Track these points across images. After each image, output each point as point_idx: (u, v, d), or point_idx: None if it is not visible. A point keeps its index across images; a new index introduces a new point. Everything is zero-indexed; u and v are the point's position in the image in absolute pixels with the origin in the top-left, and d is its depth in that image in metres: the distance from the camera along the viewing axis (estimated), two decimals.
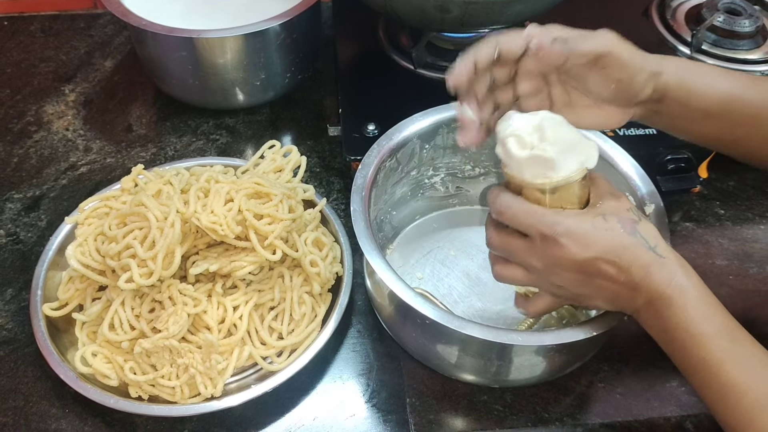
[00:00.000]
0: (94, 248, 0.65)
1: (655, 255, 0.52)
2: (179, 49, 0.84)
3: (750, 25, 0.93)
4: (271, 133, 0.91)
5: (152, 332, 0.63)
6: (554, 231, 0.52)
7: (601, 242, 0.51)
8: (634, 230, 0.52)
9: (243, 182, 0.67)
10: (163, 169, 0.73)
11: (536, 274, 0.55)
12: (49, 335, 0.66)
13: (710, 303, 0.51)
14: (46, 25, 1.08)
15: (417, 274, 0.75)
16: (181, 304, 0.63)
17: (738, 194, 0.84)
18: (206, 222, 0.62)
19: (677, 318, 0.50)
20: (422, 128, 0.71)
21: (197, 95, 0.90)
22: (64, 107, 0.95)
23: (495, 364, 0.62)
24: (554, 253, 0.52)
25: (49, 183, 0.85)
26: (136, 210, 0.64)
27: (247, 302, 0.66)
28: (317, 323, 0.68)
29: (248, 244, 0.64)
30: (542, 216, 0.52)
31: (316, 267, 0.68)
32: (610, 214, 0.53)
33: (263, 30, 0.83)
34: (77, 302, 0.68)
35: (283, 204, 0.66)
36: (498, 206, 0.55)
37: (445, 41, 0.92)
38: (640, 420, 0.64)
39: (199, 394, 0.63)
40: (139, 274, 0.61)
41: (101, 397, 0.62)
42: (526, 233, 0.54)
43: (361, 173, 0.67)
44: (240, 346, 0.65)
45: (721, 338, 0.50)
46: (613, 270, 0.51)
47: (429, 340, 0.63)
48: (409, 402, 0.65)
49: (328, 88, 0.97)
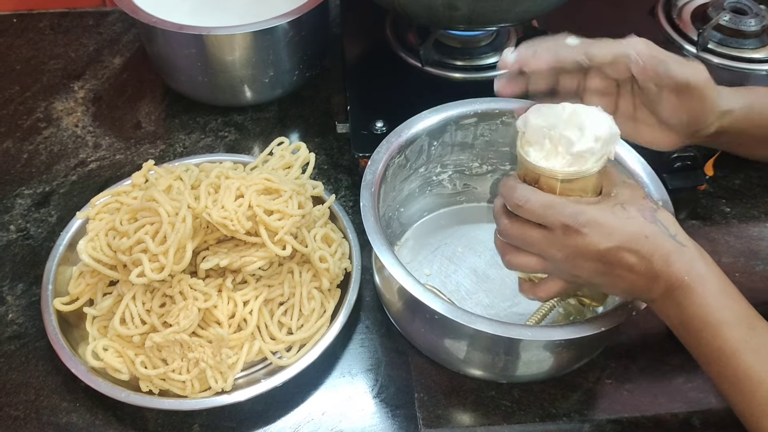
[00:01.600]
0: (105, 243, 0.66)
1: (676, 243, 0.51)
2: (188, 47, 0.84)
3: (756, 24, 0.93)
4: (279, 130, 0.91)
5: (163, 327, 0.63)
6: (577, 221, 0.51)
7: (623, 231, 0.51)
8: (654, 218, 0.52)
9: (253, 178, 0.67)
10: (173, 165, 0.74)
11: (553, 263, 0.54)
12: (60, 329, 0.66)
13: (729, 292, 0.51)
14: (55, 23, 1.09)
15: (425, 270, 0.76)
16: (192, 299, 0.63)
17: (744, 192, 0.84)
18: (217, 217, 0.63)
19: (695, 307, 0.50)
20: (431, 125, 0.72)
21: (206, 92, 0.91)
22: (74, 104, 0.96)
23: (503, 359, 0.62)
24: (576, 243, 0.52)
25: (58, 179, 0.86)
26: (148, 205, 0.64)
27: (257, 297, 0.66)
28: (326, 318, 0.68)
29: (258, 239, 0.65)
30: (563, 207, 0.52)
31: (325, 263, 0.68)
32: (628, 203, 0.52)
33: (272, 27, 0.84)
34: (88, 297, 0.69)
35: (293, 200, 0.67)
36: (516, 199, 0.53)
37: (453, 39, 0.92)
38: (647, 416, 0.65)
39: (210, 389, 0.63)
40: (150, 268, 0.61)
41: (112, 390, 0.62)
42: (545, 225, 0.53)
43: (370, 169, 0.67)
44: (250, 341, 0.66)
45: (739, 327, 0.49)
46: (635, 259, 0.51)
47: (438, 335, 0.63)
48: (417, 397, 0.66)
49: (336, 86, 0.97)
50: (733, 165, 0.85)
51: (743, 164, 0.86)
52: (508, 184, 0.55)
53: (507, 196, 0.55)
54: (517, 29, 0.96)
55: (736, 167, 0.86)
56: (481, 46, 0.93)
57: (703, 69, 0.55)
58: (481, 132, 0.74)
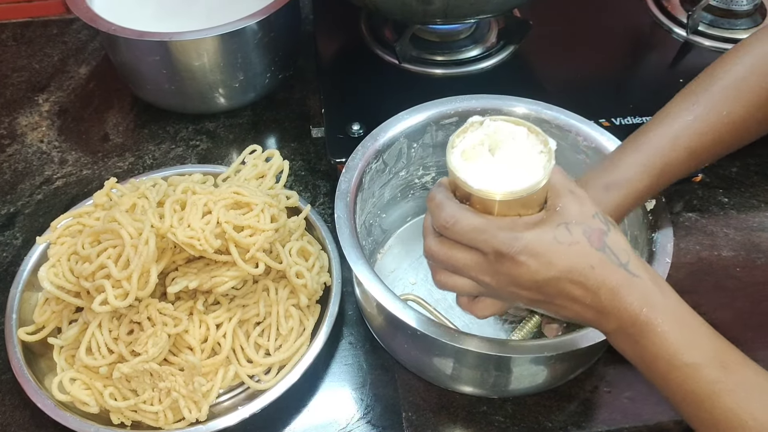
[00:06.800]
0: (67, 269, 0.62)
1: (627, 274, 0.45)
2: (152, 54, 0.80)
3: (748, 3, 0.90)
4: (253, 136, 0.88)
5: (131, 355, 0.60)
6: (511, 248, 0.45)
7: (565, 259, 0.45)
8: (602, 244, 0.45)
9: (221, 192, 0.63)
10: (138, 181, 0.70)
11: (487, 289, 0.48)
12: (26, 361, 0.63)
13: (692, 326, 0.45)
14: (18, 33, 1.05)
15: (410, 278, 0.72)
16: (161, 325, 0.60)
17: (742, 181, 0.81)
18: (183, 237, 0.59)
19: (656, 347, 0.44)
20: (409, 127, 0.68)
21: (174, 100, 0.87)
22: (38, 118, 0.91)
23: (493, 374, 0.58)
24: (511, 272, 0.45)
25: (23, 199, 0.82)
26: (109, 227, 0.60)
27: (230, 319, 0.63)
28: (306, 337, 0.64)
29: (229, 257, 0.61)
30: (496, 231, 0.45)
31: (302, 278, 0.64)
32: (574, 223, 0.45)
33: (239, 29, 0.79)
34: (54, 325, 0.65)
35: (265, 213, 0.63)
36: (443, 219, 0.47)
37: (431, 33, 0.88)
38: (649, 425, 0.61)
39: (184, 419, 0.60)
40: (114, 295, 0.58)
41: (81, 425, 0.59)
42: (477, 249, 0.47)
43: (345, 177, 0.63)
44: (225, 366, 0.62)
45: (711, 367, 0.43)
46: (579, 291, 0.45)
47: (422, 352, 0.60)
48: (405, 417, 0.62)
49: (311, 86, 0.93)
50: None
51: (740, 151, 0.82)
52: (435, 200, 0.48)
53: (434, 214, 0.48)
54: (498, 20, 0.92)
55: (732, 155, 0.81)
56: (461, 39, 0.89)
57: None
58: None
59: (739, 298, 0.70)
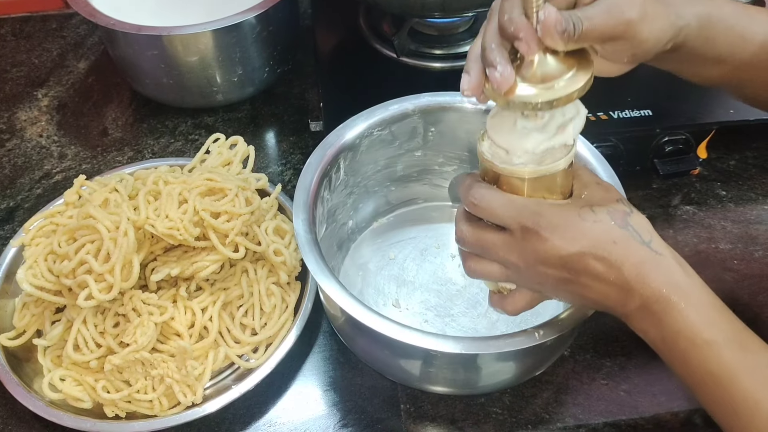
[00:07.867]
0: (45, 269, 0.61)
1: (650, 251, 0.46)
2: (150, 48, 0.80)
3: None
4: (252, 130, 0.88)
5: (120, 347, 0.60)
6: (536, 222, 0.46)
7: (589, 235, 0.46)
8: (625, 223, 0.47)
9: (194, 180, 0.64)
10: (105, 177, 0.70)
11: (515, 271, 0.50)
12: (10, 367, 0.62)
13: (715, 305, 0.46)
14: (17, 28, 1.05)
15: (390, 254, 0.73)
16: (147, 314, 0.60)
17: (740, 174, 0.81)
18: (162, 228, 0.59)
19: (678, 324, 0.45)
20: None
21: (173, 94, 0.87)
22: (38, 113, 0.92)
23: (462, 374, 0.58)
24: (536, 248, 0.47)
25: (23, 193, 0.82)
26: (85, 223, 0.60)
27: (214, 302, 0.64)
28: (289, 313, 0.66)
29: (208, 243, 0.62)
30: (522, 206, 0.47)
31: (280, 256, 0.65)
32: (598, 205, 0.47)
33: (237, 24, 0.79)
34: (35, 328, 0.65)
35: (239, 198, 0.64)
36: (471, 198, 0.49)
37: (429, 27, 0.88)
38: (646, 417, 0.61)
39: (179, 404, 0.60)
40: (98, 289, 0.58)
41: (76, 422, 0.59)
42: (504, 226, 0.48)
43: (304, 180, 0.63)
44: (214, 348, 0.63)
45: (731, 347, 0.44)
46: (602, 267, 0.46)
47: (386, 354, 0.60)
48: (403, 408, 0.62)
49: (309, 80, 0.93)
50: (727, 146, 0.81)
51: (738, 144, 0.83)
52: (465, 183, 0.50)
53: (463, 194, 0.50)
54: None
55: (730, 148, 0.82)
56: (460, 32, 0.89)
57: (636, 8, 0.46)
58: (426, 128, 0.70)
59: (736, 291, 0.70)
